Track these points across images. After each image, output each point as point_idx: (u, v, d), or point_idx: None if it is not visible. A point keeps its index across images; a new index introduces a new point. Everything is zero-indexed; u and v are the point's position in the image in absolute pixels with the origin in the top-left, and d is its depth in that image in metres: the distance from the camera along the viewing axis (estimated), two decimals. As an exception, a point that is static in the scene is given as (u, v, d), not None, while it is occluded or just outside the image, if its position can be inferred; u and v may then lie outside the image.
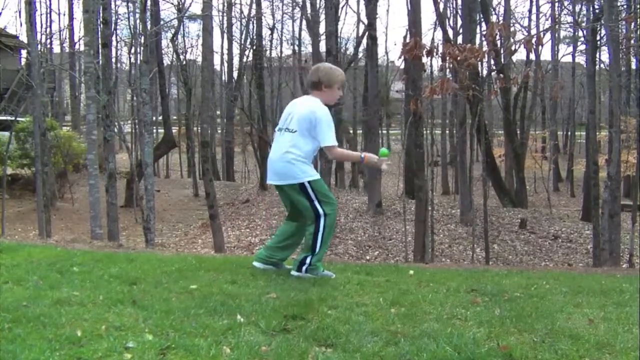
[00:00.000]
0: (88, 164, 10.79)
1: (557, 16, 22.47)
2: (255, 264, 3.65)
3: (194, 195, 20.12)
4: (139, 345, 2.13)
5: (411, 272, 3.83)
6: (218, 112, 31.28)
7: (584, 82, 22.35)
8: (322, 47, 18.89)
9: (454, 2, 21.59)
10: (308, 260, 3.45)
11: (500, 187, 18.97)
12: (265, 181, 20.00)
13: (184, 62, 26.14)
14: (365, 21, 17.74)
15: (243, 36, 27.15)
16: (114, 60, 21.78)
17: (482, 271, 4.29)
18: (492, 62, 16.12)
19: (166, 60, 27.06)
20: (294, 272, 3.49)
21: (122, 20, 25.68)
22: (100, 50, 11.84)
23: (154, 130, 23.84)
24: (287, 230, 3.66)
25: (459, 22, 19.66)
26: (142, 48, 11.85)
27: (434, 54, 7.53)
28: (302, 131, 3.42)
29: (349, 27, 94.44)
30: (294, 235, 3.64)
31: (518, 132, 22.05)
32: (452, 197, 22.10)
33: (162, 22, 19.30)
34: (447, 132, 26.76)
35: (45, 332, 2.25)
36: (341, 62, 19.47)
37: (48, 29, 25.45)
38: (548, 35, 26.50)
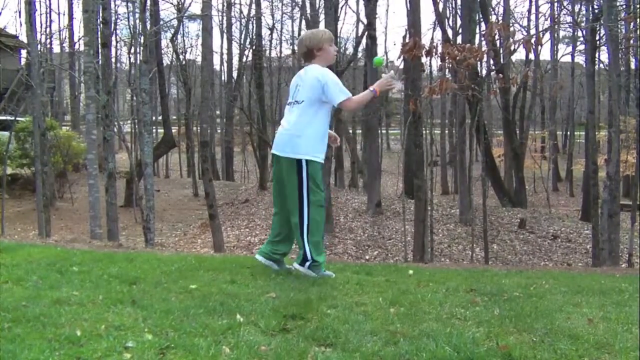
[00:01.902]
0: (88, 163, 10.79)
1: (556, 16, 22.44)
2: (258, 257, 3.66)
3: (194, 195, 20.10)
4: (138, 345, 2.14)
5: (410, 271, 3.83)
6: (217, 112, 31.27)
7: (583, 82, 22.33)
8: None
9: (454, 2, 21.61)
10: (309, 255, 3.44)
11: (500, 187, 18.96)
12: (265, 181, 20.06)
13: (184, 62, 26.09)
14: (365, 21, 17.72)
15: (242, 36, 27.15)
16: (113, 60, 21.74)
17: (481, 271, 4.30)
18: (492, 62, 16.16)
19: (166, 60, 27.02)
20: (295, 265, 3.49)
21: (121, 20, 25.73)
22: (99, 50, 11.85)
23: (154, 130, 23.86)
24: (277, 221, 3.66)
25: (459, 22, 19.69)
26: (141, 48, 11.84)
27: (433, 53, 7.52)
28: (311, 100, 3.42)
29: (348, 27, 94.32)
30: (286, 224, 3.60)
31: (517, 132, 22.04)
32: (451, 196, 22.10)
33: (161, 22, 19.28)
34: (447, 132, 26.76)
35: (45, 331, 2.25)
36: (340, 62, 19.45)
37: (48, 29, 25.40)
38: (547, 35, 26.54)
